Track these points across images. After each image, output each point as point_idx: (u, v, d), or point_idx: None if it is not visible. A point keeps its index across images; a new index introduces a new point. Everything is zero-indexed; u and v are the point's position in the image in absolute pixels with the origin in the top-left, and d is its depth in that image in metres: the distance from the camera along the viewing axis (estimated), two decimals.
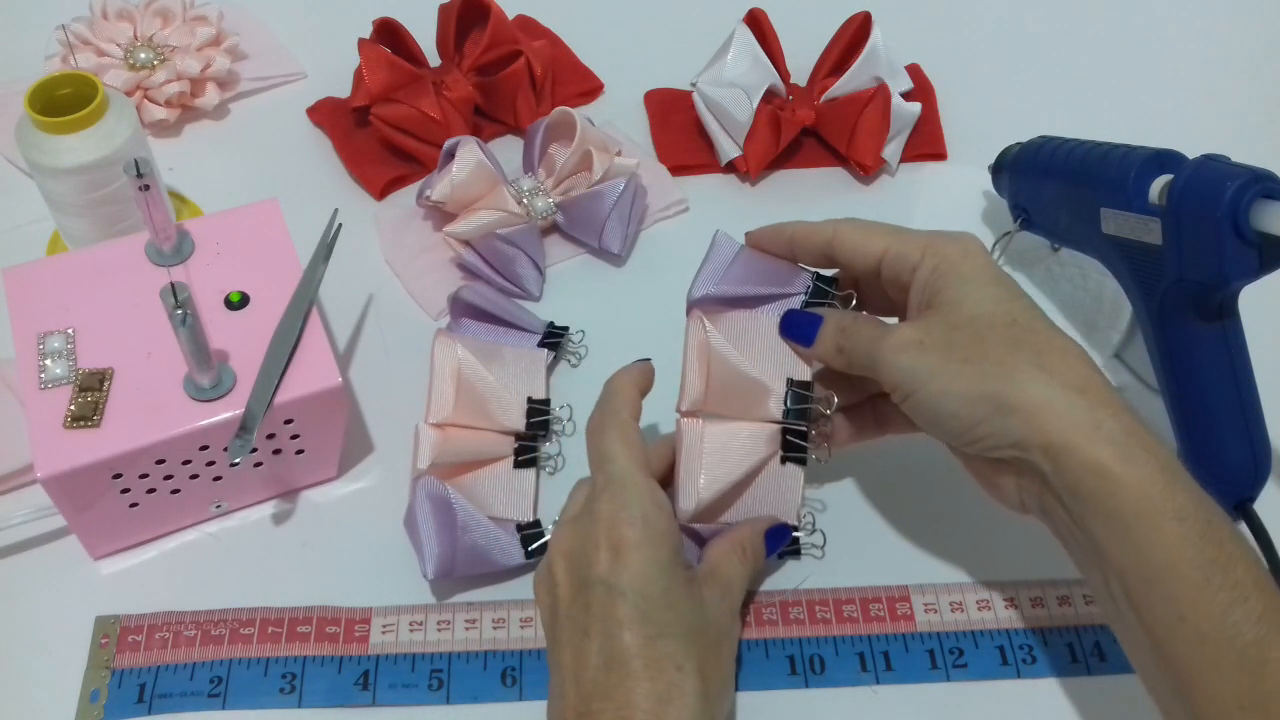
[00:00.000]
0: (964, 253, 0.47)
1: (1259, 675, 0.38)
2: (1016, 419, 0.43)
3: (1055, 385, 0.43)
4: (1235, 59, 0.83)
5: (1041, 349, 0.44)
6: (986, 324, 0.45)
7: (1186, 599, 0.39)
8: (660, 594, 0.43)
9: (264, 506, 0.55)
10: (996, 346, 0.44)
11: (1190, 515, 0.40)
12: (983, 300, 0.45)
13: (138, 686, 0.49)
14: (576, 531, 0.45)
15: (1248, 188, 0.48)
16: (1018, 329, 0.44)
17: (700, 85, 0.70)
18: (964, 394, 0.44)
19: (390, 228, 0.66)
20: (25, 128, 0.56)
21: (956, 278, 0.46)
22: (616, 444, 0.46)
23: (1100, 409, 0.42)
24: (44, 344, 0.50)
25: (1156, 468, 0.41)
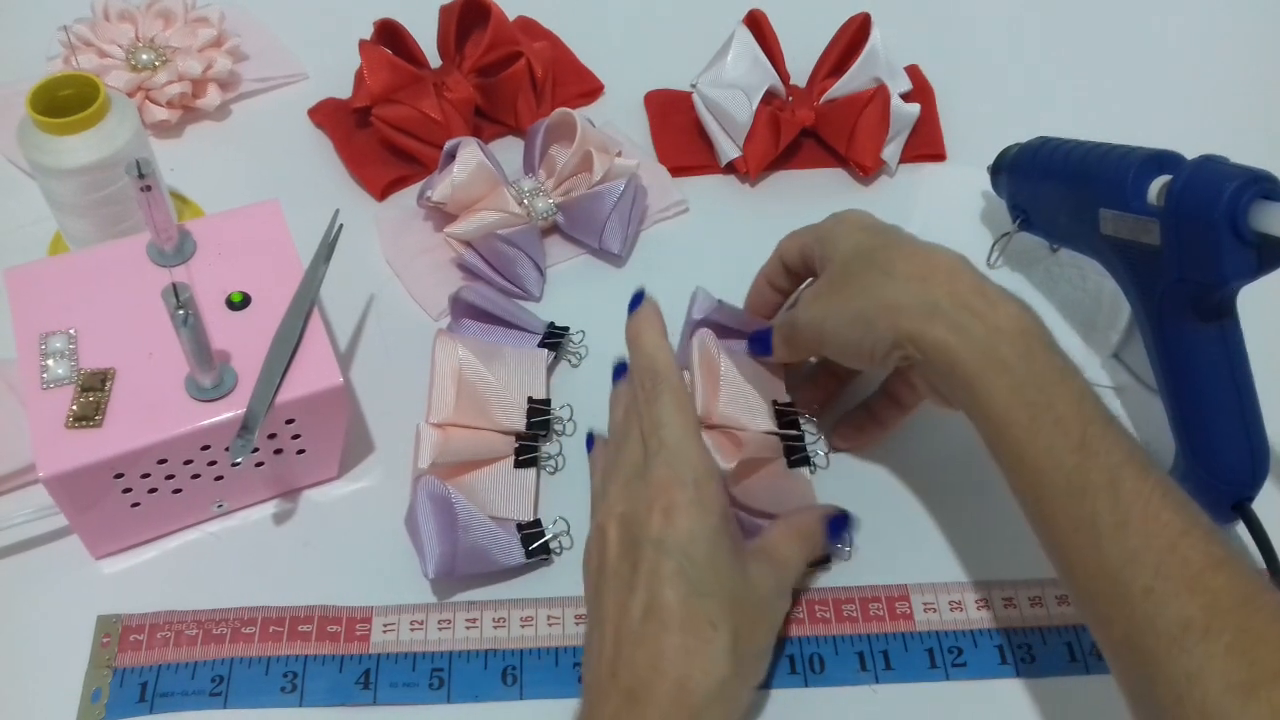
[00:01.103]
0: (837, 221, 0.55)
1: (1080, 499, 0.42)
2: (881, 324, 0.48)
3: (898, 282, 0.48)
4: (1235, 59, 0.83)
5: (891, 259, 0.50)
6: (853, 263, 0.51)
7: (1020, 441, 0.44)
8: (705, 556, 0.45)
9: (265, 506, 0.56)
10: (858, 274, 0.51)
11: (1014, 366, 0.45)
12: (849, 248, 0.52)
13: (139, 686, 0.49)
14: (630, 494, 0.47)
15: (1246, 188, 0.48)
16: (875, 254, 0.50)
17: (700, 86, 0.70)
18: (844, 319, 0.51)
19: (391, 228, 0.66)
20: (27, 128, 0.56)
21: (831, 242, 0.53)
22: (669, 410, 0.48)
23: (936, 289, 0.48)
24: (46, 344, 0.50)
25: (984, 329, 0.46)
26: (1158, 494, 0.41)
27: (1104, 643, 0.43)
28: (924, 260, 0.49)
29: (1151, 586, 0.40)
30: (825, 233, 0.54)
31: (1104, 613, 0.42)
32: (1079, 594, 0.43)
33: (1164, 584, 0.40)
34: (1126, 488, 0.42)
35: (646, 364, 0.50)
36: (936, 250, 0.50)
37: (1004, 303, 0.47)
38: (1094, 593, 0.42)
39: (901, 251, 0.50)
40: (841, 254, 0.52)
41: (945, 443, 0.59)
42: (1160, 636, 0.39)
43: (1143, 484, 0.42)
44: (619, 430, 0.52)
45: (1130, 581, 0.40)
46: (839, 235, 0.53)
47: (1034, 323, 0.47)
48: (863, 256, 0.51)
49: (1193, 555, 0.40)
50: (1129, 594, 0.40)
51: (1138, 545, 0.41)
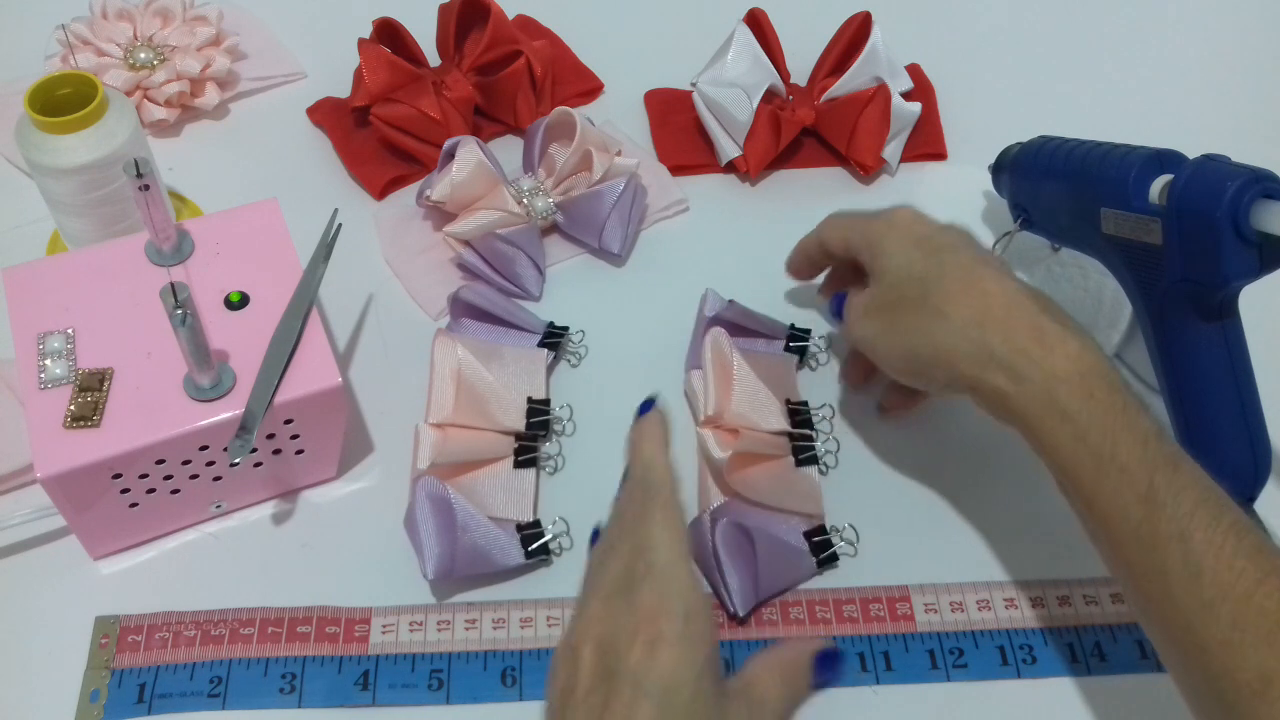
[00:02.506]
0: (888, 226, 0.53)
1: (1151, 550, 0.42)
2: (937, 369, 0.49)
3: (953, 327, 0.48)
4: (1235, 59, 0.83)
5: (945, 296, 0.49)
6: (902, 288, 0.51)
7: (1087, 490, 0.44)
8: (686, 701, 0.40)
9: (264, 506, 0.55)
10: (909, 309, 0.50)
11: (1075, 414, 0.45)
12: (898, 268, 0.51)
13: (137, 686, 0.49)
14: (611, 616, 0.42)
15: (1248, 188, 0.48)
16: (925, 284, 0.50)
17: (700, 85, 0.70)
18: (897, 352, 0.51)
19: (390, 228, 0.66)
20: (25, 128, 0.56)
21: (880, 253, 0.53)
22: (661, 529, 0.43)
23: (992, 335, 0.47)
24: (44, 344, 0.50)
25: (1042, 376, 0.46)
26: (1231, 541, 0.40)
27: (1182, 688, 0.42)
28: (979, 299, 0.48)
29: (1229, 639, 0.39)
30: (875, 238, 0.53)
31: (1182, 660, 0.41)
32: (1156, 639, 0.43)
33: (1241, 635, 0.39)
34: (1198, 538, 0.41)
35: (641, 475, 0.46)
36: (990, 281, 0.49)
37: (1063, 343, 0.46)
38: (1171, 640, 0.42)
39: (955, 286, 0.49)
40: (892, 270, 0.52)
41: (947, 443, 0.59)
42: (1241, 690, 0.39)
43: (1214, 532, 0.41)
44: (608, 538, 0.46)
45: (1206, 633, 0.40)
46: (889, 245, 0.52)
47: (1096, 360, 0.46)
48: (914, 283, 0.50)
49: (1269, 604, 0.39)
50: (1206, 645, 0.40)
51: (1212, 596, 0.40)
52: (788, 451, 0.56)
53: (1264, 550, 0.40)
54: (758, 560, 0.51)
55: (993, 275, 0.49)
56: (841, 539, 0.55)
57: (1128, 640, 0.52)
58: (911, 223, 0.53)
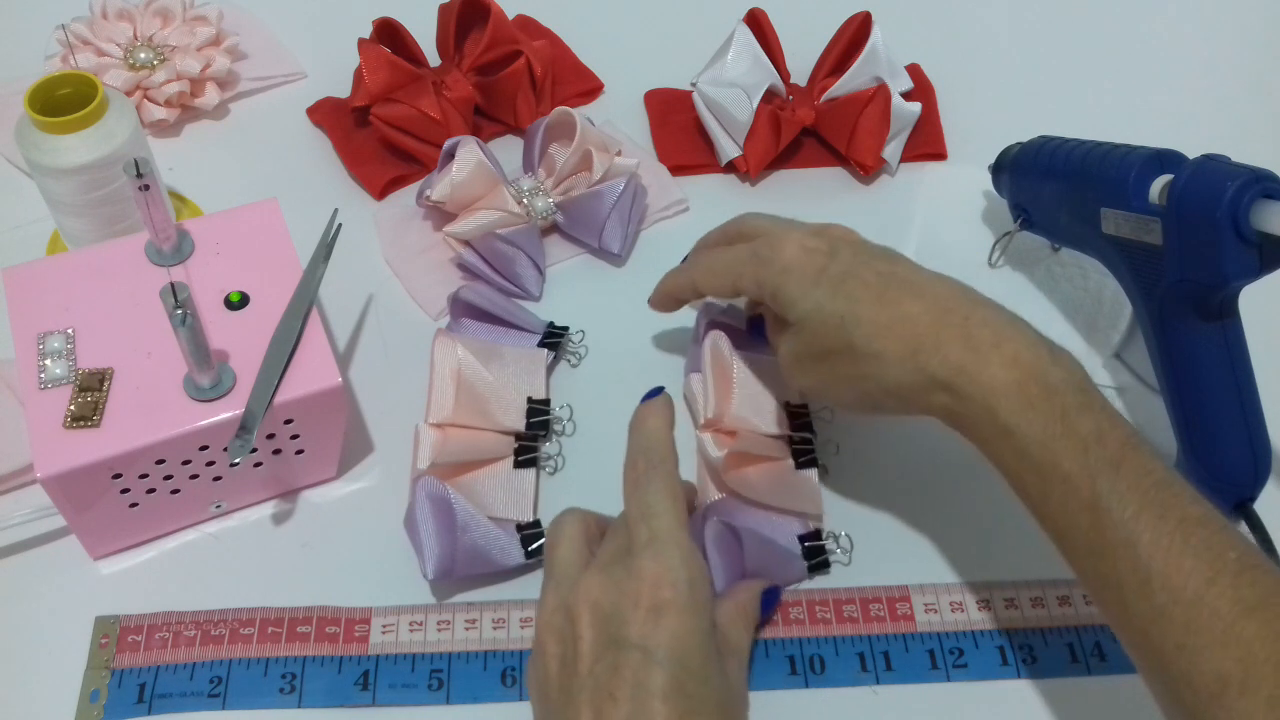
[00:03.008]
0: (782, 274, 0.50)
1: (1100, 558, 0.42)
2: (889, 402, 0.48)
3: (889, 363, 0.47)
4: (1235, 59, 0.83)
5: (868, 334, 0.47)
6: (823, 337, 0.49)
7: (1035, 503, 0.44)
8: (698, 666, 0.41)
9: (264, 507, 0.55)
10: (840, 357, 0.48)
11: (1015, 427, 0.44)
12: (809, 315, 0.49)
13: (137, 686, 0.49)
14: (609, 585, 0.42)
15: (1248, 188, 0.48)
16: (845, 327, 0.48)
17: (700, 85, 0.70)
18: (848, 400, 0.51)
19: (390, 228, 0.66)
20: (25, 128, 0.56)
21: (786, 302, 0.50)
22: (662, 498, 0.44)
23: (928, 359, 0.46)
24: (44, 344, 0.50)
25: (980, 392, 0.44)
26: (1178, 541, 0.40)
27: (1152, 692, 0.42)
28: (903, 326, 0.46)
29: (1184, 643, 0.39)
30: (772, 288, 0.50)
31: (1144, 665, 0.41)
32: (1123, 644, 0.42)
33: (1195, 639, 0.38)
34: (1144, 541, 0.40)
35: (644, 444, 0.46)
36: (906, 300, 0.47)
37: (995, 348, 0.45)
38: (1132, 645, 0.41)
39: (875, 320, 0.47)
40: (805, 319, 0.49)
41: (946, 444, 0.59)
42: (1199, 693, 0.38)
43: (1160, 534, 0.40)
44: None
45: (1162, 639, 0.39)
46: (791, 292, 0.49)
47: (1033, 359, 0.44)
48: (833, 330, 0.48)
49: (1221, 605, 0.38)
50: (1163, 650, 0.39)
51: (1164, 601, 0.39)
52: (787, 454, 0.56)
53: (1213, 546, 0.39)
54: (744, 560, 0.51)
55: (906, 288, 0.48)
56: (837, 546, 0.55)
57: None
58: (802, 259, 0.50)
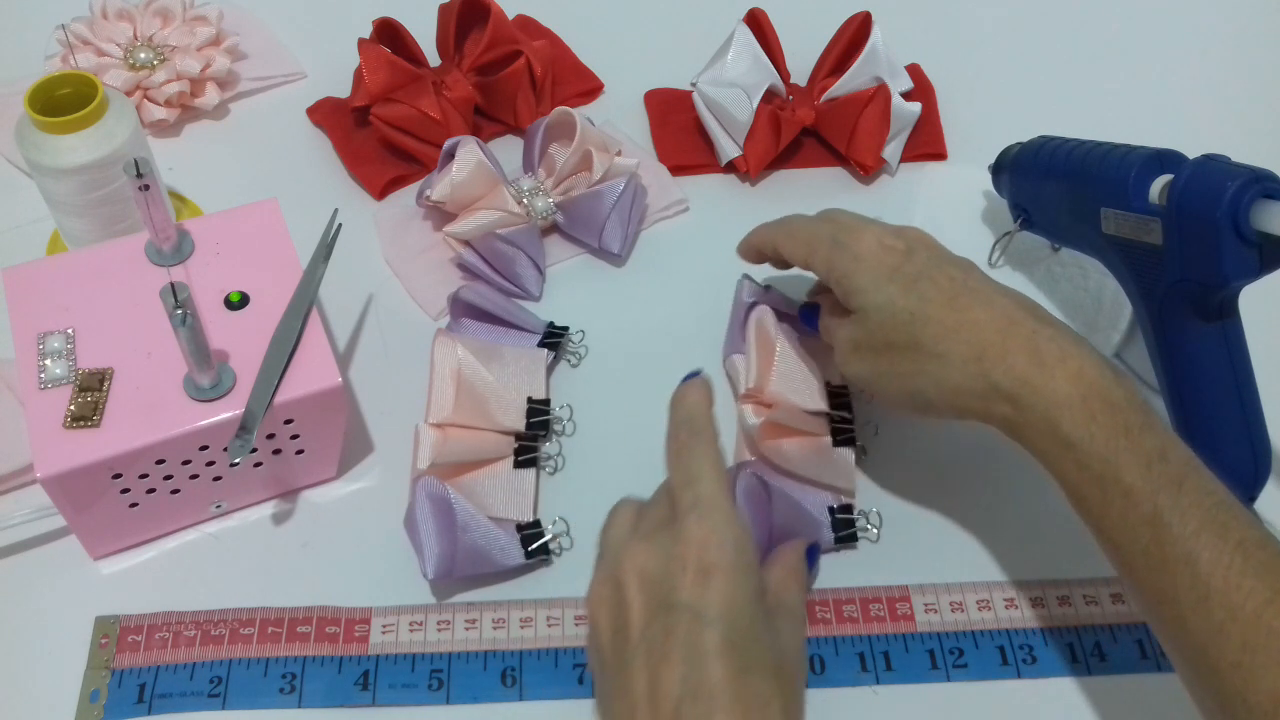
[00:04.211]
0: (855, 261, 0.51)
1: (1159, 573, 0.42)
2: (942, 406, 0.48)
3: (952, 366, 0.47)
4: (1235, 59, 0.83)
5: (935, 335, 0.48)
6: (887, 331, 0.50)
7: (1095, 515, 0.44)
8: (748, 625, 0.40)
9: (264, 506, 0.55)
10: (902, 352, 0.49)
11: (1077, 440, 0.44)
12: (878, 308, 0.50)
13: (137, 686, 0.49)
14: (655, 550, 0.42)
15: (1248, 188, 0.48)
16: (912, 326, 0.49)
17: (700, 85, 0.70)
18: (899, 397, 0.50)
19: (390, 228, 0.66)
20: (25, 128, 0.56)
21: (854, 290, 0.51)
22: (705, 464, 0.44)
23: (993, 367, 0.46)
24: (44, 344, 0.50)
25: (1043, 404, 0.45)
26: (1239, 560, 0.40)
27: (1199, 709, 0.42)
28: (971, 331, 0.47)
29: (1239, 660, 0.39)
30: (843, 273, 0.51)
31: (1196, 682, 0.41)
32: (1172, 659, 0.43)
33: (1252, 657, 0.39)
34: (1204, 559, 0.40)
35: (685, 417, 0.47)
36: (977, 307, 0.48)
37: (1062, 363, 0.45)
38: (1185, 662, 0.42)
39: (943, 321, 0.48)
40: (872, 311, 0.50)
41: (947, 443, 0.59)
42: (1253, 712, 0.38)
43: (1221, 551, 0.40)
44: None
45: (1218, 655, 0.39)
46: (862, 282, 0.50)
47: (1097, 376, 0.45)
48: (899, 326, 0.49)
49: (1279, 624, 0.39)
50: (1218, 668, 0.39)
51: (1222, 618, 0.39)
52: (825, 431, 0.57)
53: (1273, 568, 0.40)
54: (773, 518, 0.52)
55: (976, 297, 0.49)
56: (869, 523, 0.55)
57: (1128, 640, 0.52)
58: (878, 254, 0.51)
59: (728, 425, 0.59)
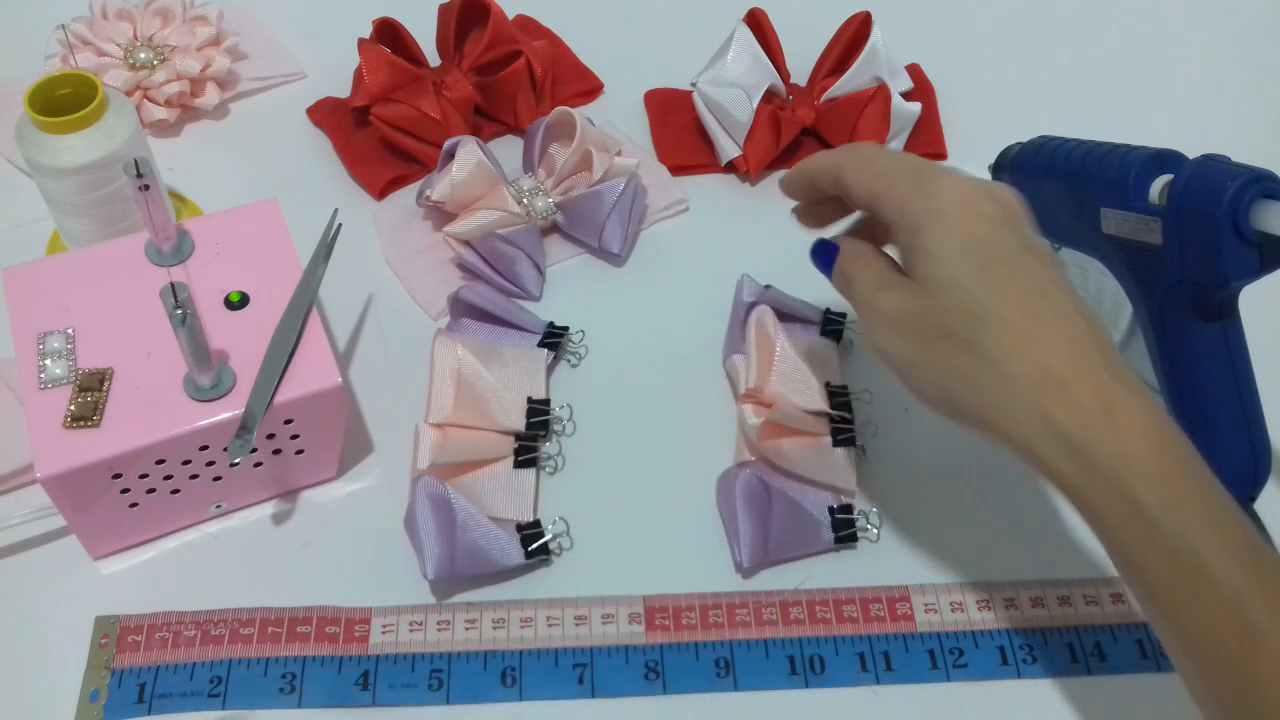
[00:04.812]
0: (935, 214, 0.43)
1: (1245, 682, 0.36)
2: (982, 425, 0.42)
3: (1011, 389, 0.41)
4: (1235, 59, 0.83)
5: (1001, 342, 0.41)
6: (947, 314, 0.42)
7: (1166, 603, 0.39)
8: None
9: (264, 507, 0.55)
10: (955, 345, 0.42)
11: (1149, 508, 0.38)
12: (945, 282, 0.42)
13: (137, 686, 0.49)
14: None
15: (1248, 188, 0.48)
16: (977, 319, 0.42)
17: (700, 85, 0.70)
18: (932, 391, 0.44)
19: (390, 228, 0.66)
20: (25, 128, 0.56)
21: (921, 251, 0.43)
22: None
23: (1056, 402, 0.40)
24: (44, 344, 0.50)
25: (1111, 459, 0.39)
26: None
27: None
28: (1042, 352, 0.41)
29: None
30: (915, 221, 0.43)
31: None
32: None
33: None
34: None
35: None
36: (1052, 324, 0.41)
37: (1129, 412, 0.39)
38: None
39: (1014, 329, 0.41)
40: (936, 283, 0.43)
41: (947, 443, 0.59)
42: None
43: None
44: None
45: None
46: (934, 244, 0.43)
47: (1166, 432, 0.39)
48: (964, 312, 0.42)
49: None
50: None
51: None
52: (825, 431, 0.57)
53: None
54: (773, 519, 0.52)
55: (1052, 304, 0.42)
56: (868, 523, 0.55)
57: (1128, 640, 0.52)
58: (964, 214, 0.43)
59: (728, 425, 0.59)
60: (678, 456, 0.58)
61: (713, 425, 0.59)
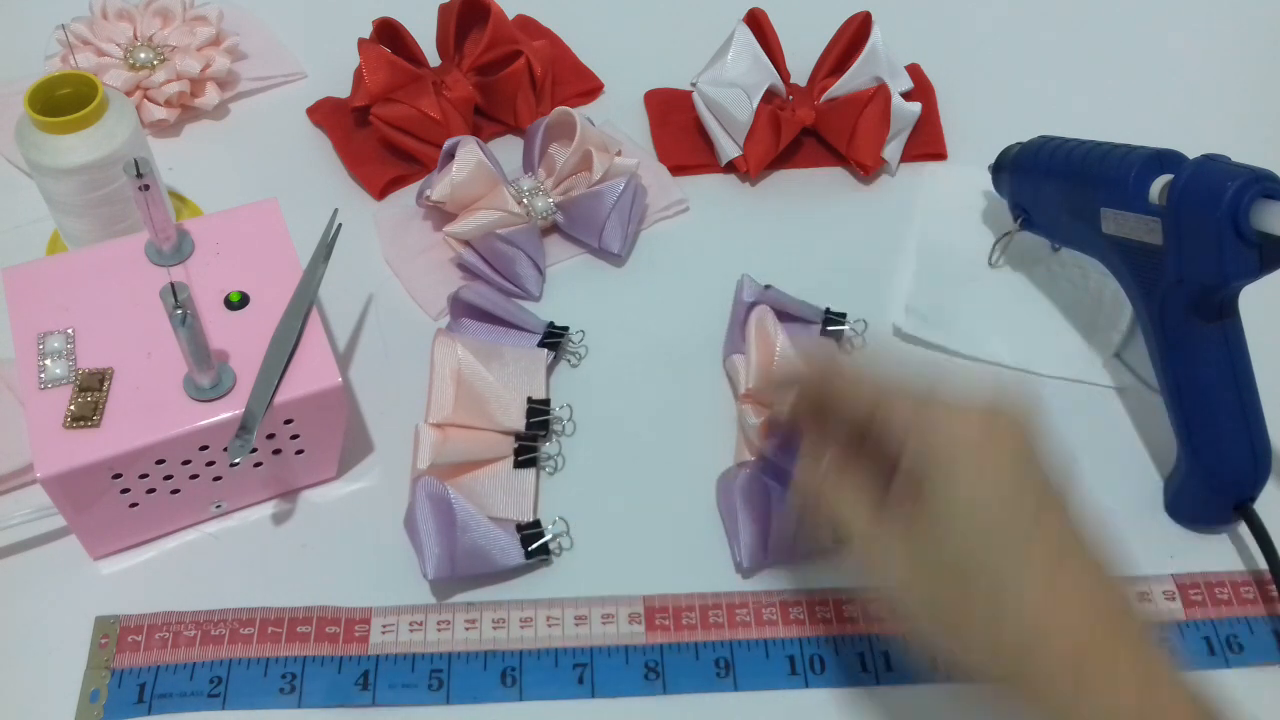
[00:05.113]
0: (953, 443, 0.38)
1: None
2: (982, 682, 0.38)
3: (1035, 650, 0.36)
4: (1235, 59, 0.83)
5: (1021, 623, 0.37)
6: (969, 559, 0.37)
7: None
8: None
9: (264, 507, 0.55)
10: (971, 581, 0.37)
11: None
12: (969, 525, 0.37)
13: (137, 686, 0.49)
14: None
15: (1248, 188, 0.48)
16: (997, 584, 0.37)
17: (700, 85, 0.70)
18: (932, 632, 0.40)
19: (390, 228, 0.66)
20: (25, 128, 0.56)
21: (943, 485, 0.38)
22: None
23: (1096, 689, 0.36)
24: (44, 344, 0.50)
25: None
26: None
27: None
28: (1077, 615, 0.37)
29: None
30: (932, 450, 0.38)
31: None
32: None
33: None
34: None
35: None
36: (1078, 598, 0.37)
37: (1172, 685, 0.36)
38: None
39: (1036, 608, 0.37)
40: (956, 531, 0.38)
41: None
42: None
43: None
44: None
45: None
46: (955, 485, 0.38)
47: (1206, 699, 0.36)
48: (990, 543, 0.37)
49: None
50: None
51: None
52: None
53: None
54: (771, 521, 0.52)
55: (1078, 569, 0.38)
56: None
57: None
58: (984, 445, 0.38)
59: (728, 425, 0.59)
60: (678, 456, 0.58)
61: (713, 425, 0.59)
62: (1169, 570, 0.55)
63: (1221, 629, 0.53)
